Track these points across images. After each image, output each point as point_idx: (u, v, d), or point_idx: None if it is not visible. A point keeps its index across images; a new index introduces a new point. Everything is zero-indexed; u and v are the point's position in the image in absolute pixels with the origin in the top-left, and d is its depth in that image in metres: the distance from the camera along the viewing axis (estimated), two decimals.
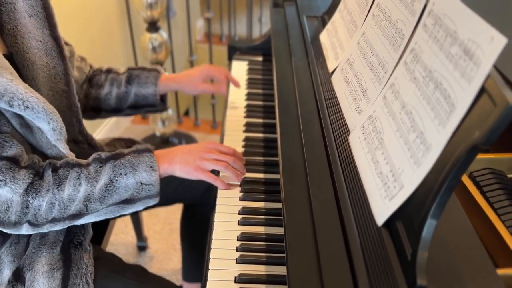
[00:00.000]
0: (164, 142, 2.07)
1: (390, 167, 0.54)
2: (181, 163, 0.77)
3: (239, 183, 0.82)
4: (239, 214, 0.77)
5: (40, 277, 0.72)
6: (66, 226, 0.73)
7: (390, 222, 0.51)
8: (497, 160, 0.68)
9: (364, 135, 0.64)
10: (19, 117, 0.67)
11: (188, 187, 1.05)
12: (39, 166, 0.70)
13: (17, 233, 0.70)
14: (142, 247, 1.64)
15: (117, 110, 1.02)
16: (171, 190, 1.03)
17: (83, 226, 0.80)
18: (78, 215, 0.71)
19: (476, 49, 0.44)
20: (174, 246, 1.65)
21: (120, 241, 1.68)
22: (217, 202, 0.80)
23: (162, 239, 1.69)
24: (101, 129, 2.07)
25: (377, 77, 0.68)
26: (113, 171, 0.71)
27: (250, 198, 0.80)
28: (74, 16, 1.73)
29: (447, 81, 0.48)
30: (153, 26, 1.75)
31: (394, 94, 0.60)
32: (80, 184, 0.70)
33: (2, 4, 0.71)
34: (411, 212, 0.48)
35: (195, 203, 1.13)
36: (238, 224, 0.76)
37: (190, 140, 2.13)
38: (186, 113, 2.94)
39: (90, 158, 0.74)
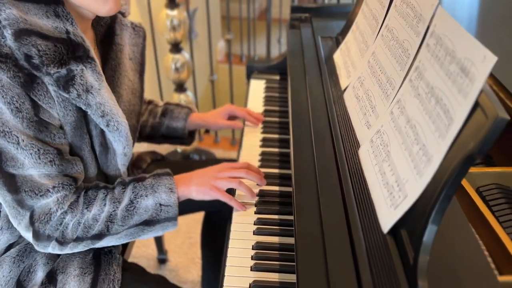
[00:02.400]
0: (185, 158, 2.14)
1: (396, 177, 0.57)
2: (197, 185, 0.81)
3: (254, 202, 0.85)
4: (254, 224, 0.81)
5: (72, 280, 0.77)
6: (87, 248, 0.77)
7: (395, 229, 0.54)
8: (504, 174, 0.70)
9: (372, 148, 0.67)
10: (103, 137, 0.75)
11: None
12: (80, 189, 0.76)
13: (43, 250, 0.74)
14: (162, 260, 1.68)
15: (150, 137, 1.13)
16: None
17: None
18: (99, 235, 0.74)
19: (471, 66, 0.47)
20: (194, 260, 1.69)
21: (141, 253, 1.73)
22: (234, 213, 0.84)
23: (182, 252, 1.73)
24: None
25: (385, 94, 0.71)
26: (133, 193, 0.76)
27: (265, 211, 0.83)
28: None
29: (446, 96, 0.51)
30: (175, 48, 1.83)
31: (400, 110, 0.63)
32: (105, 205, 0.74)
33: (115, 44, 0.83)
34: (413, 219, 0.51)
35: (215, 210, 1.18)
36: (253, 234, 0.79)
37: (209, 156, 2.19)
38: (207, 131, 3.02)
39: (116, 182, 0.80)
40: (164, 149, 2.34)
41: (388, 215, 0.56)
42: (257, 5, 2.75)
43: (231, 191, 0.86)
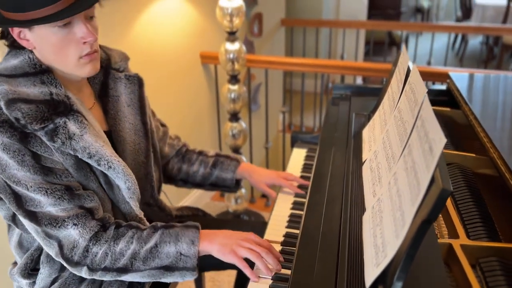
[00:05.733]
0: (235, 217, 2.26)
1: (382, 240, 0.65)
2: (220, 245, 0.88)
3: (270, 277, 0.85)
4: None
5: None
6: (114, 279, 0.88)
7: (375, 284, 0.61)
8: (507, 249, 0.73)
9: (372, 213, 0.75)
10: (105, 175, 0.89)
11: None
12: (108, 221, 0.89)
13: (79, 274, 0.87)
14: None
15: (200, 185, 1.26)
16: None
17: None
18: (124, 269, 0.86)
19: (434, 146, 0.56)
20: None
21: None
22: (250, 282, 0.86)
23: None
24: (186, 200, 2.35)
25: (389, 166, 0.80)
26: (160, 238, 0.87)
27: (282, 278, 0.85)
28: (172, 109, 2.12)
29: (420, 170, 0.60)
30: (234, 117, 2.05)
31: (394, 181, 0.72)
32: (132, 242, 0.86)
33: (110, 96, 0.99)
34: (387, 275, 0.57)
35: None
36: None
37: (258, 218, 2.29)
38: (264, 195, 3.15)
39: (149, 225, 0.92)
40: (218, 208, 2.50)
41: (371, 272, 0.63)
42: (318, 82, 2.96)
43: (250, 264, 0.87)
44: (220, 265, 1.24)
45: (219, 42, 2.06)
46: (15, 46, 0.85)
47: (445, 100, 1.36)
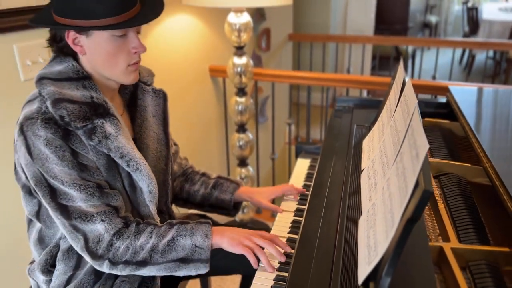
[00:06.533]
0: (241, 226, 2.30)
1: (374, 240, 0.69)
2: (229, 238, 0.97)
3: (273, 271, 0.92)
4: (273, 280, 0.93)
5: None
6: (133, 273, 0.95)
7: (367, 281, 0.65)
8: (495, 253, 0.77)
9: (367, 217, 0.79)
10: (130, 178, 0.97)
11: (242, 254, 1.24)
12: (130, 219, 0.97)
13: (100, 268, 0.94)
14: None
15: (199, 206, 1.31)
16: (226, 254, 1.22)
17: (153, 278, 1.03)
18: (143, 262, 0.93)
19: (420, 152, 0.61)
20: None
21: None
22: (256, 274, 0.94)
23: None
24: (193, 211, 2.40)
25: (384, 173, 0.85)
26: (176, 232, 0.95)
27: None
28: (182, 120, 2.19)
29: (409, 175, 0.64)
30: (241, 128, 2.11)
31: (387, 186, 0.76)
32: (151, 237, 0.94)
33: (138, 106, 1.09)
34: (377, 272, 0.62)
35: (251, 275, 1.30)
36: None
37: (264, 227, 2.33)
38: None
39: (165, 222, 1.00)
40: (224, 218, 2.54)
41: (364, 270, 0.67)
42: (324, 95, 3.02)
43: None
44: (226, 270, 1.29)
45: (228, 56, 2.13)
46: (62, 52, 0.94)
47: (445, 112, 1.41)
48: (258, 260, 0.95)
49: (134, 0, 0.92)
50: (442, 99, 1.49)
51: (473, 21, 5.85)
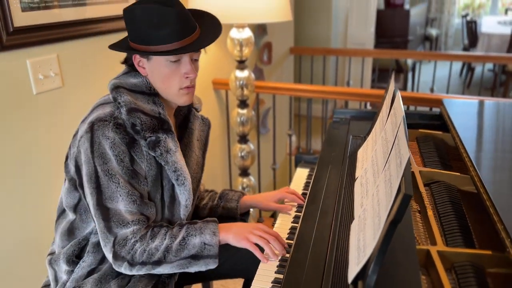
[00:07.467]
0: None
1: (363, 242, 0.74)
2: (235, 233, 1.04)
3: (277, 259, 1.01)
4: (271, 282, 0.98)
5: None
6: (149, 272, 1.01)
7: (356, 280, 0.70)
8: (478, 255, 0.82)
9: (358, 222, 0.84)
10: (173, 190, 1.04)
11: (244, 258, 1.28)
12: (150, 225, 1.03)
13: (118, 269, 1.00)
14: None
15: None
16: (229, 258, 1.27)
17: (169, 274, 1.08)
18: (158, 262, 0.99)
19: (403, 159, 0.67)
20: None
21: None
22: (257, 272, 1.01)
23: None
24: None
25: (374, 181, 0.90)
26: (186, 232, 1.02)
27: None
28: None
29: (395, 181, 0.70)
30: (243, 139, 2.17)
31: (377, 192, 0.82)
32: (165, 239, 1.00)
33: (188, 128, 1.18)
34: (364, 270, 0.67)
35: (253, 278, 1.35)
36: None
37: None
38: (272, 215, 3.23)
39: (175, 224, 1.07)
40: None
41: (353, 270, 0.72)
42: (323, 107, 3.09)
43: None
44: (228, 274, 1.33)
45: (230, 70, 2.21)
46: (134, 69, 1.04)
47: (438, 124, 1.47)
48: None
49: (192, 28, 1.00)
50: (438, 111, 1.55)
51: (473, 34, 5.93)
